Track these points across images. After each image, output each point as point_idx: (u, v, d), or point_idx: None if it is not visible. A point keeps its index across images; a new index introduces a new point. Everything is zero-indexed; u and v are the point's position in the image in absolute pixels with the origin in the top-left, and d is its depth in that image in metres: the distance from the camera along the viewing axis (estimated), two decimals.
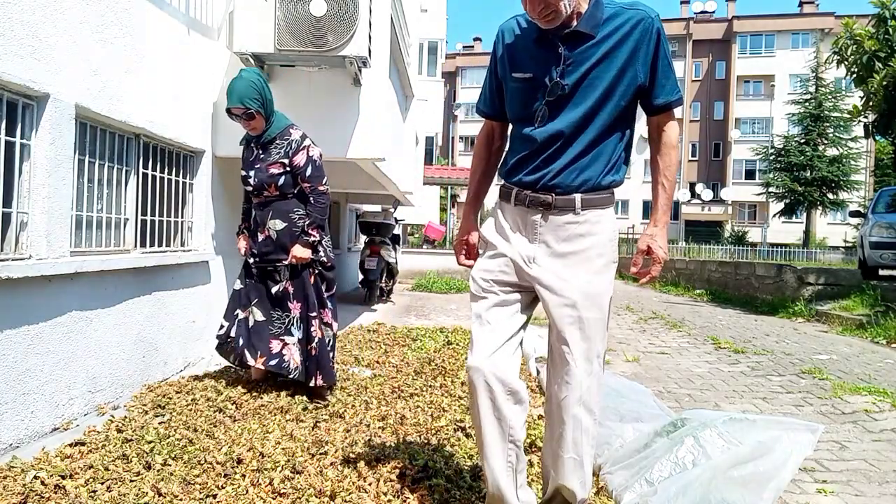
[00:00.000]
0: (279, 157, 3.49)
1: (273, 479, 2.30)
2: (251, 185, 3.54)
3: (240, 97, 3.35)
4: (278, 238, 3.52)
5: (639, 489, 2.16)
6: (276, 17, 4.07)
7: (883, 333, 6.23)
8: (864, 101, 9.45)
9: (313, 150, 3.55)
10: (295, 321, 3.54)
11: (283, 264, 3.54)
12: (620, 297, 10.97)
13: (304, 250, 3.48)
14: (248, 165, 3.57)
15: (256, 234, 3.58)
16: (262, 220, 3.54)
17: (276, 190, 3.51)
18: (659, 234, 1.97)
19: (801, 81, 35.02)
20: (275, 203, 3.53)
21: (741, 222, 41.90)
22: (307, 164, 3.50)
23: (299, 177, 3.50)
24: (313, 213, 3.52)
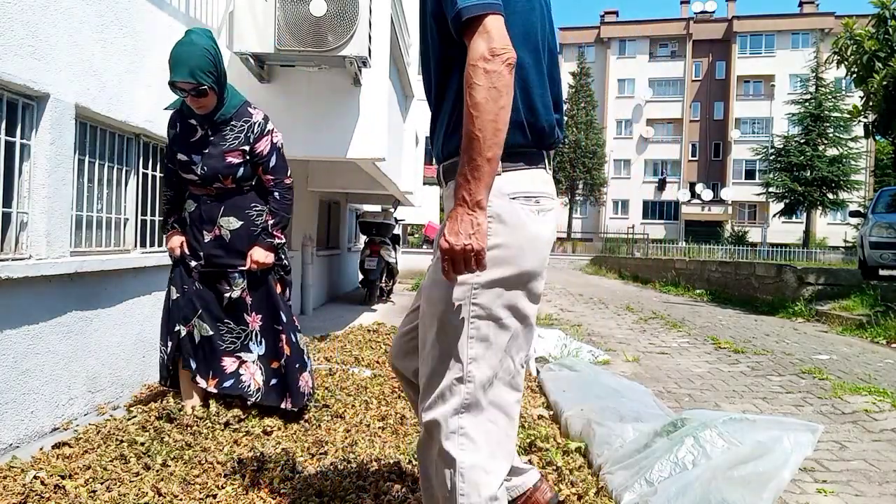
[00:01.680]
0: (238, 144, 2.92)
1: (273, 479, 2.30)
2: (198, 174, 2.90)
3: (191, 70, 2.71)
4: (232, 239, 2.95)
5: (639, 489, 2.16)
6: (276, 17, 4.07)
7: (883, 333, 6.23)
8: (864, 101, 9.45)
9: (277, 135, 3.04)
10: (254, 336, 3.03)
11: (240, 270, 2.98)
12: (620, 297, 10.97)
13: (266, 254, 2.97)
14: (190, 148, 2.91)
15: (201, 233, 2.96)
16: (211, 217, 2.94)
17: (232, 182, 2.93)
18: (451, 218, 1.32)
19: (801, 81, 35.07)
20: (229, 197, 2.96)
21: (741, 222, 41.93)
22: (271, 152, 2.99)
23: (261, 167, 2.98)
24: (279, 211, 3.00)
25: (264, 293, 3.04)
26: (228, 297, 2.98)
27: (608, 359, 4.99)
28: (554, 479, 2.39)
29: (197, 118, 2.92)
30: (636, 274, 16.40)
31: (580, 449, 2.69)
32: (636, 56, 46.05)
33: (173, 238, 3.03)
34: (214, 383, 2.96)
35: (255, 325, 3.03)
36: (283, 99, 4.60)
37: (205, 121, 2.91)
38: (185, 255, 2.99)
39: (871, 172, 36.64)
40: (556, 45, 1.59)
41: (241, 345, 3.02)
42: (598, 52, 47.01)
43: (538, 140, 1.48)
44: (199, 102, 2.84)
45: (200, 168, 2.90)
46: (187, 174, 2.93)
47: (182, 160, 2.92)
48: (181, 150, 2.92)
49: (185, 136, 2.93)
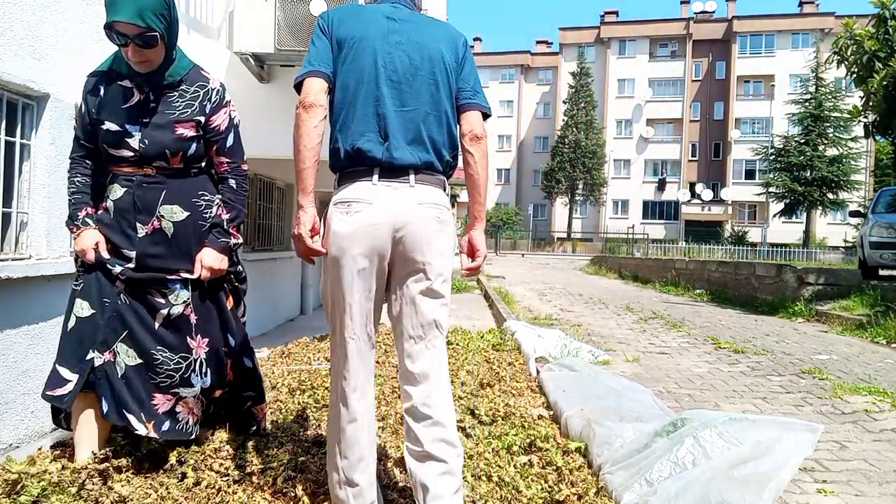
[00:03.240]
0: (192, 113, 2.35)
1: (277, 478, 2.30)
2: (135, 149, 2.27)
3: (139, 8, 2.14)
4: (176, 234, 2.33)
5: (639, 489, 2.16)
6: (276, 17, 4.07)
7: (883, 333, 6.23)
8: (864, 101, 9.45)
9: (235, 110, 2.51)
10: (198, 367, 2.36)
11: (182, 277, 2.34)
12: (620, 297, 10.97)
13: (220, 258, 2.38)
14: (123, 116, 2.28)
15: (132, 226, 2.31)
16: (148, 205, 2.30)
17: (180, 161, 2.34)
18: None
19: (801, 81, 35.09)
20: (172, 181, 2.34)
21: (741, 222, 41.94)
22: (229, 129, 2.45)
23: (215, 146, 2.42)
24: (235, 203, 2.44)
25: (213, 310, 2.43)
26: (167, 313, 2.30)
27: (608, 359, 4.99)
28: (554, 479, 2.39)
29: (134, 79, 2.30)
30: (636, 274, 16.40)
31: (580, 449, 2.69)
32: (636, 56, 46.05)
33: (84, 236, 2.29)
34: (152, 426, 2.30)
35: (200, 352, 2.36)
36: (283, 99, 4.59)
37: (145, 82, 2.30)
38: (102, 257, 2.28)
39: (871, 172, 36.65)
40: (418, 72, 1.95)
41: (179, 379, 2.32)
42: (598, 52, 47.01)
43: (356, 160, 1.91)
44: (144, 55, 2.22)
45: (139, 141, 2.28)
46: (117, 150, 2.28)
47: (111, 131, 2.27)
48: (110, 119, 2.28)
49: (115, 102, 2.30)
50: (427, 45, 1.98)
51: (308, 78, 1.92)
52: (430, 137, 1.96)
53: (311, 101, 1.89)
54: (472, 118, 2.04)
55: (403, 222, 1.89)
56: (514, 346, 5.08)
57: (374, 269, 1.91)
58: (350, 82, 1.93)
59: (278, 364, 4.37)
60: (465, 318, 7.41)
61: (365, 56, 1.92)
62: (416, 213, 1.90)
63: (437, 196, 1.97)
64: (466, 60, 2.07)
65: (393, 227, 1.89)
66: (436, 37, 2.01)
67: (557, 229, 44.93)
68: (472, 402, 3.36)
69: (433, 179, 1.97)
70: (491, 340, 5.46)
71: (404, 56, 1.94)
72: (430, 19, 2.14)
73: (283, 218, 7.01)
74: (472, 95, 2.06)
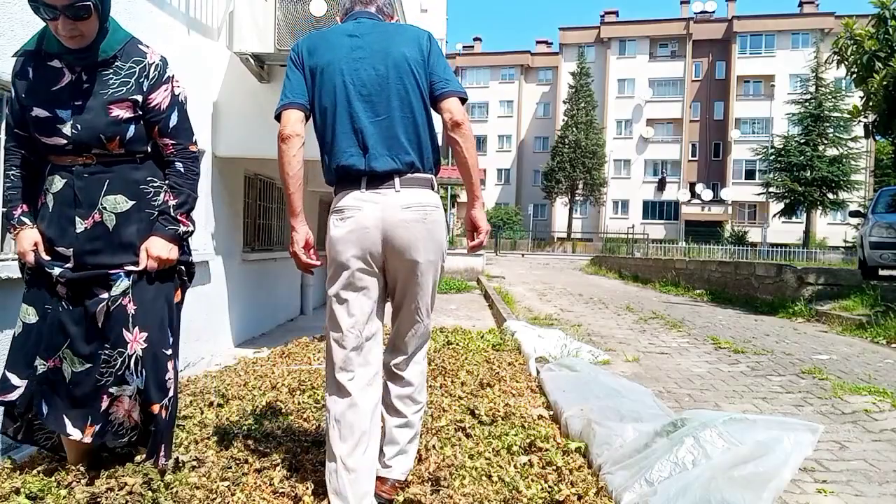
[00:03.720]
0: (128, 92, 2.13)
1: (273, 479, 2.30)
2: (68, 136, 2.08)
3: None
4: (118, 227, 2.14)
5: (639, 489, 2.17)
6: (276, 17, 4.07)
7: (883, 333, 6.23)
8: (864, 101, 9.45)
9: (179, 85, 2.28)
10: (132, 364, 2.13)
11: (128, 270, 2.14)
12: (620, 297, 10.98)
13: (169, 247, 2.20)
14: (53, 100, 2.09)
15: (71, 222, 2.11)
16: (89, 197, 2.11)
17: (119, 146, 2.13)
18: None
19: (801, 81, 35.10)
20: (114, 169, 2.15)
21: (741, 222, 41.94)
22: (172, 107, 2.23)
23: (157, 127, 2.20)
24: (183, 187, 2.25)
25: (157, 302, 2.20)
26: (105, 305, 2.10)
27: (608, 359, 4.99)
28: (554, 479, 2.39)
29: (64, 57, 2.10)
30: (636, 274, 16.40)
31: (580, 449, 2.69)
32: (636, 56, 46.05)
33: (22, 237, 2.12)
34: (93, 431, 2.11)
35: (137, 347, 2.13)
36: None
37: (77, 60, 2.09)
38: (42, 259, 2.10)
39: (871, 172, 36.64)
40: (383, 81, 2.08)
41: (114, 376, 2.11)
42: (598, 52, 47.01)
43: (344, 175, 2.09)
44: (76, 29, 2.01)
45: (71, 127, 2.07)
46: (49, 138, 2.08)
47: (41, 117, 2.07)
48: (40, 104, 2.08)
49: (45, 84, 2.09)
50: (390, 53, 2.10)
51: (284, 111, 2.09)
52: (407, 140, 2.09)
53: (287, 132, 2.06)
54: (450, 105, 2.13)
55: (392, 226, 2.05)
56: (514, 346, 5.09)
57: (369, 269, 2.08)
58: (327, 105, 2.10)
59: (278, 364, 4.37)
60: (465, 318, 7.41)
61: (334, 78, 2.08)
62: (402, 216, 2.05)
63: (422, 197, 2.10)
64: (432, 53, 2.16)
65: (382, 230, 2.05)
66: (398, 42, 2.13)
67: (557, 229, 44.93)
68: (472, 402, 3.36)
69: (419, 180, 2.10)
70: (491, 340, 5.46)
71: (370, 69, 2.08)
72: (393, 26, 2.25)
73: (283, 218, 7.01)
74: (445, 84, 2.14)
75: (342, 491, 1.99)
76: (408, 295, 2.16)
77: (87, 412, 2.11)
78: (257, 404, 3.27)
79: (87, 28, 2.04)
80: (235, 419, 3.04)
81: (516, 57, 51.14)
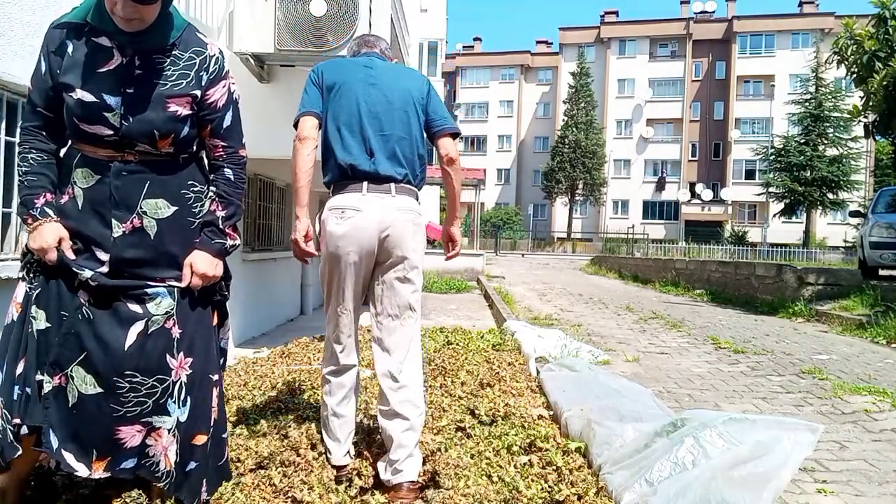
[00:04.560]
0: (188, 85, 1.92)
1: (272, 477, 2.30)
2: (115, 126, 1.83)
3: None
4: (160, 234, 1.91)
5: (639, 489, 2.17)
6: (276, 17, 4.07)
7: (883, 333, 6.23)
8: (864, 101, 9.45)
9: (234, 83, 2.08)
10: (176, 391, 1.90)
11: (171, 286, 1.92)
12: (620, 297, 10.97)
13: (216, 263, 2.00)
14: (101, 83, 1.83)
15: (107, 224, 1.87)
16: (127, 198, 1.87)
17: (170, 145, 1.92)
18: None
19: (801, 81, 35.09)
20: (159, 169, 1.92)
21: (741, 222, 41.94)
22: (228, 106, 2.04)
23: (210, 126, 2.00)
24: (232, 198, 2.04)
25: (202, 324, 2.00)
26: (144, 327, 1.85)
27: (608, 359, 4.99)
28: (554, 479, 2.39)
29: (116, 37, 1.85)
30: (636, 274, 16.40)
31: (580, 449, 2.69)
32: (636, 56, 46.05)
33: (45, 231, 1.82)
34: (105, 465, 1.84)
35: (182, 374, 1.91)
36: (283, 99, 4.59)
37: (131, 42, 1.85)
38: (68, 259, 1.84)
39: (871, 172, 36.65)
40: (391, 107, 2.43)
41: (153, 405, 1.86)
42: (598, 52, 47.01)
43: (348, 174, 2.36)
44: (137, 12, 1.79)
45: (121, 117, 1.83)
46: (92, 126, 1.83)
47: (85, 101, 1.81)
48: (83, 85, 1.82)
49: (90, 64, 1.83)
50: (398, 87, 2.47)
51: (303, 117, 2.41)
52: (403, 156, 2.42)
53: (305, 134, 2.37)
54: (446, 143, 2.51)
55: (388, 224, 2.34)
56: (514, 346, 5.09)
57: (363, 262, 2.38)
58: (340, 116, 2.40)
59: (278, 364, 4.37)
60: (465, 318, 7.41)
61: (349, 95, 2.41)
62: (396, 217, 2.36)
63: (412, 204, 2.44)
64: (431, 96, 2.54)
65: (379, 228, 2.34)
66: (404, 80, 2.53)
67: (557, 229, 44.92)
68: (472, 402, 3.36)
69: (409, 190, 2.44)
70: (491, 340, 5.46)
71: (380, 94, 2.43)
72: (401, 66, 2.70)
73: (283, 218, 7.01)
74: (443, 122, 2.52)
75: (334, 432, 2.45)
76: (399, 290, 2.42)
77: (93, 443, 1.82)
78: (257, 404, 3.27)
79: (150, 13, 1.82)
80: (235, 419, 3.04)
81: (516, 57, 51.13)
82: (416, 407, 2.37)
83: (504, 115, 50.97)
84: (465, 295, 11.07)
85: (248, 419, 3.03)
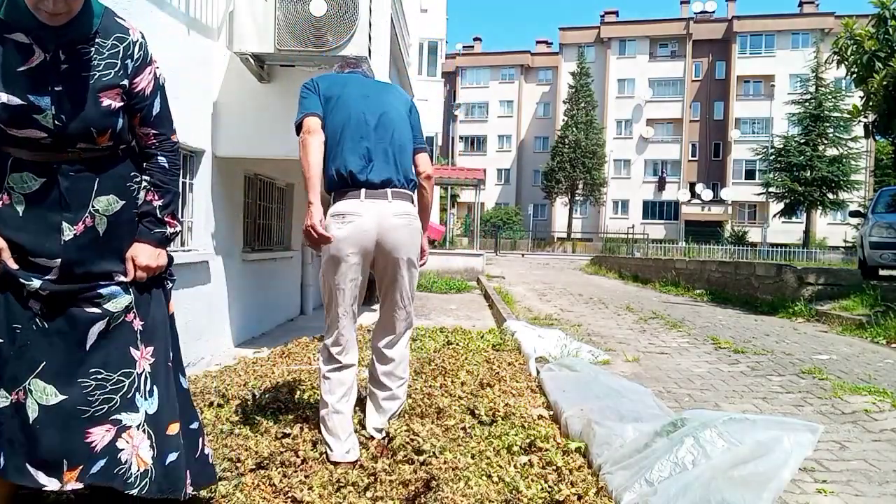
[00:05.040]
0: (116, 76, 1.83)
1: (272, 477, 2.30)
2: (50, 129, 1.74)
3: None
4: (110, 231, 1.86)
5: (638, 489, 2.17)
6: (276, 17, 4.07)
7: (883, 333, 6.23)
8: (864, 101, 9.45)
9: (158, 67, 1.98)
10: (142, 383, 1.86)
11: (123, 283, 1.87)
12: (620, 297, 10.98)
13: (158, 254, 1.94)
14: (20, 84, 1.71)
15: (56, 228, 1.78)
16: (78, 200, 1.81)
17: (109, 139, 1.84)
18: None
19: (801, 81, 35.10)
20: (104, 165, 1.85)
21: (741, 222, 41.95)
22: (155, 92, 1.95)
23: (139, 115, 1.92)
24: (170, 185, 1.98)
25: (158, 313, 1.95)
26: (105, 325, 1.81)
27: (608, 359, 4.99)
28: (554, 479, 2.39)
29: (33, 31, 1.72)
30: (636, 274, 16.40)
31: (580, 449, 2.69)
32: (636, 56, 46.06)
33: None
34: (78, 473, 1.74)
35: (145, 364, 1.87)
36: (283, 99, 4.60)
37: (49, 35, 1.73)
38: (11, 269, 1.73)
39: (871, 172, 36.65)
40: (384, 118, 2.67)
41: (120, 400, 1.80)
42: (598, 52, 47.02)
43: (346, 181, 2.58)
44: (67, 5, 1.70)
45: (54, 118, 1.73)
46: (22, 130, 1.72)
47: (12, 105, 1.70)
48: (5, 88, 1.70)
49: (10, 64, 1.71)
50: (388, 101, 2.75)
51: (307, 117, 2.61)
52: (398, 163, 2.66)
53: (312, 129, 2.57)
54: (422, 160, 2.83)
55: (384, 228, 2.58)
56: (514, 346, 5.09)
57: (362, 263, 2.63)
58: (337, 126, 2.62)
59: (278, 364, 4.37)
60: (465, 318, 7.41)
61: (346, 107, 2.63)
62: (392, 221, 2.59)
63: (407, 208, 2.67)
64: (414, 115, 2.84)
65: (376, 231, 2.58)
66: (393, 96, 2.81)
67: (557, 229, 44.93)
68: (472, 402, 3.36)
69: (404, 195, 2.66)
70: (491, 340, 5.46)
71: (374, 107, 2.68)
72: (386, 84, 3.03)
73: (283, 218, 7.01)
74: (421, 141, 2.84)
75: (333, 428, 2.59)
76: (394, 285, 2.73)
77: (63, 453, 1.72)
78: (257, 404, 3.27)
79: (77, 3, 1.72)
80: (235, 419, 3.04)
81: (516, 57, 51.15)
82: (400, 379, 2.83)
83: (504, 115, 50.98)
84: (465, 295, 11.07)
85: (248, 419, 3.03)
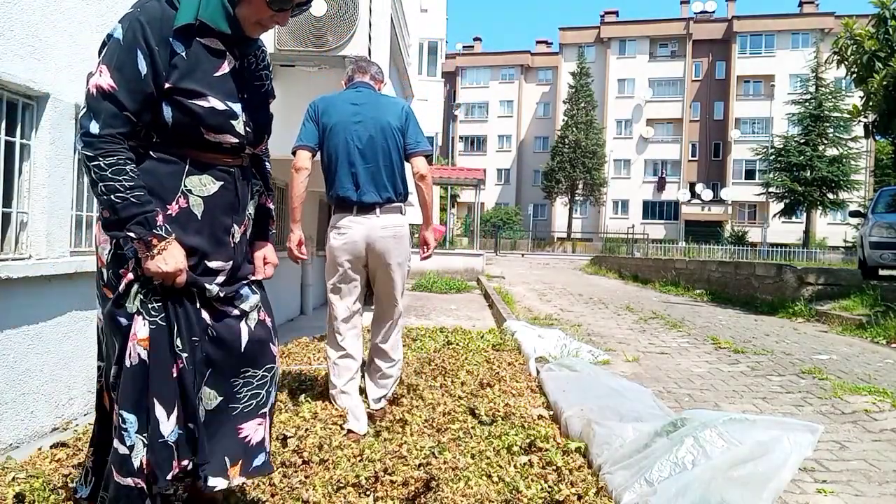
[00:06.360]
0: (268, 84, 1.92)
1: (272, 477, 2.30)
2: (241, 135, 1.75)
3: None
4: (247, 233, 1.92)
5: (638, 489, 2.16)
6: None
7: (883, 333, 6.23)
8: (864, 101, 9.44)
9: None
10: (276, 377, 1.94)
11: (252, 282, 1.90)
12: (620, 297, 10.98)
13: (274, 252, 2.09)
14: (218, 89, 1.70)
15: (228, 231, 1.79)
16: (245, 203, 1.85)
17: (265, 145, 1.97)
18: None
19: (801, 81, 35.08)
20: (250, 169, 1.91)
21: (741, 222, 41.93)
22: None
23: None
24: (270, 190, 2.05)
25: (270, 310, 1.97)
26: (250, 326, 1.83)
27: (608, 359, 4.99)
28: (554, 479, 2.39)
29: (232, 40, 1.73)
30: (636, 274, 16.40)
31: (580, 449, 2.69)
32: (636, 56, 46.04)
33: (176, 250, 1.64)
34: (241, 468, 1.79)
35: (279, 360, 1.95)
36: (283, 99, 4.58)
37: (242, 46, 1.78)
38: (195, 278, 1.70)
39: (871, 172, 36.62)
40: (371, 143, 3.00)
41: (265, 395, 1.86)
42: (598, 51, 47.00)
43: (342, 203, 3.05)
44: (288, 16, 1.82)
45: (245, 124, 1.75)
46: (219, 134, 1.70)
47: (219, 110, 1.68)
48: (211, 91, 1.68)
49: (204, 69, 1.69)
50: (380, 121, 3.02)
51: (299, 150, 3.00)
52: (387, 182, 3.02)
53: (299, 165, 2.97)
54: (417, 162, 3.08)
55: (373, 239, 3.02)
56: (514, 346, 5.08)
57: (356, 268, 3.08)
58: (332, 152, 3.02)
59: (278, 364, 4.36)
60: (465, 318, 7.41)
61: (339, 135, 3.00)
62: (380, 233, 3.02)
63: (395, 220, 3.06)
64: (409, 122, 3.08)
65: (366, 242, 3.02)
66: (385, 113, 3.05)
67: (557, 229, 44.90)
68: (472, 402, 3.36)
69: (392, 208, 3.06)
70: (491, 340, 5.46)
71: (364, 131, 3.01)
72: (384, 98, 3.19)
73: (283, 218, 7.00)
74: (416, 145, 3.08)
75: (342, 405, 3.04)
76: (385, 286, 3.15)
77: (224, 453, 1.75)
78: None
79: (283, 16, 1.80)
80: None
81: (516, 57, 51.13)
82: (391, 360, 3.22)
83: (504, 115, 50.96)
84: (465, 295, 11.06)
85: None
